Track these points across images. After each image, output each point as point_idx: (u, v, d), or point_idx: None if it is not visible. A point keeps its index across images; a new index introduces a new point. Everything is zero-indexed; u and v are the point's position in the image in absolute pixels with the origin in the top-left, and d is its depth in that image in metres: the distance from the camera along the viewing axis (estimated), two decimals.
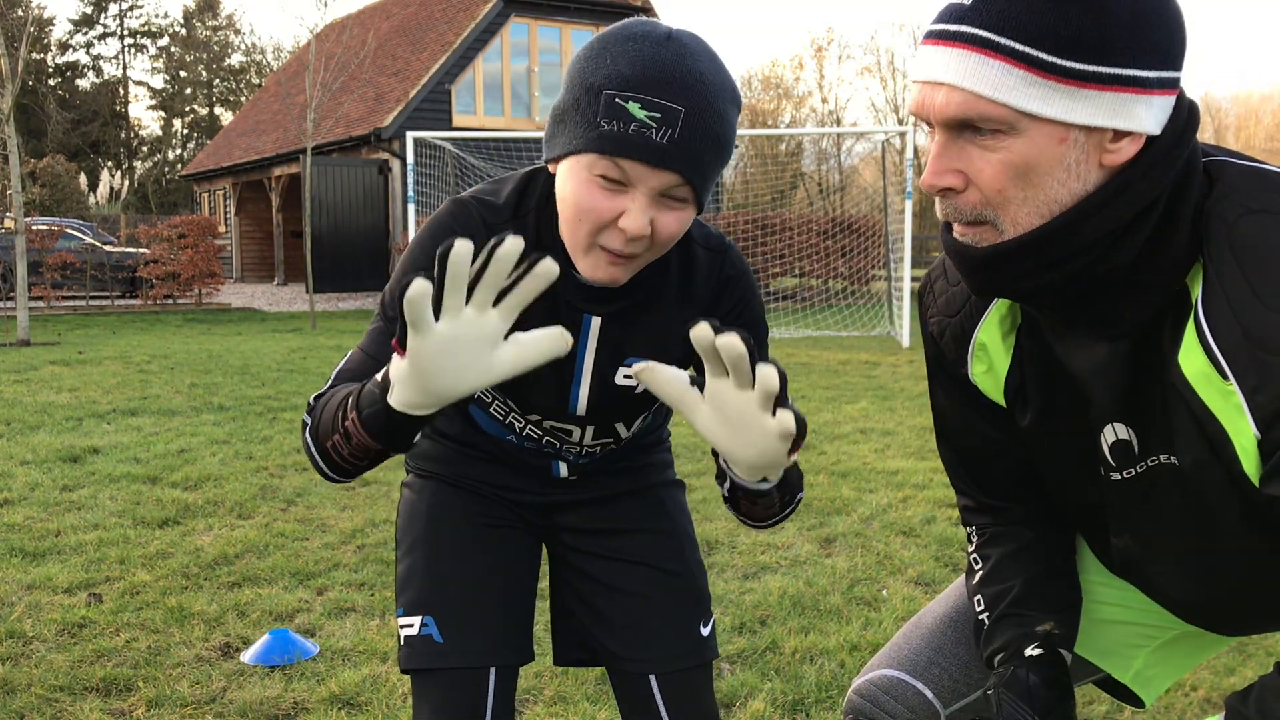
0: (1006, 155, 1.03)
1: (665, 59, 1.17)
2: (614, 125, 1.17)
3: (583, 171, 1.21)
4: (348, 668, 2.82)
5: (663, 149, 1.17)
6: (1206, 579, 1.23)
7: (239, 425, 6.41)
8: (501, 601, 1.51)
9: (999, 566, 1.38)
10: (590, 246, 1.24)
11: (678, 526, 1.61)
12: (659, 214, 1.21)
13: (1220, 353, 1.01)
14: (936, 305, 1.34)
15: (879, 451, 5.68)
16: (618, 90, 1.17)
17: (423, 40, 21.51)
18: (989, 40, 1.01)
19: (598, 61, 1.20)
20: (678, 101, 1.16)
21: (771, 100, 42.04)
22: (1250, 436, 1.02)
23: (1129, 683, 1.44)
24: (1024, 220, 1.06)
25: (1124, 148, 1.04)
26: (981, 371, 1.31)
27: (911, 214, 12.49)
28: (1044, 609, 1.34)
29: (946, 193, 1.08)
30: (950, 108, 1.04)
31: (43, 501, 4.56)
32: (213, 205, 27.20)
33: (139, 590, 3.43)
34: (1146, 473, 1.18)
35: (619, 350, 1.40)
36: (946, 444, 1.44)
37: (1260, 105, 46.07)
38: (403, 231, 17.53)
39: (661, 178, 1.19)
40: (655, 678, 1.51)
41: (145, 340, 12.01)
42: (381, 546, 3.91)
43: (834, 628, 3.10)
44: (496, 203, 1.35)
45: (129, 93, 50.22)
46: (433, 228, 1.35)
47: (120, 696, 2.66)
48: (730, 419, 1.05)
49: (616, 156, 1.18)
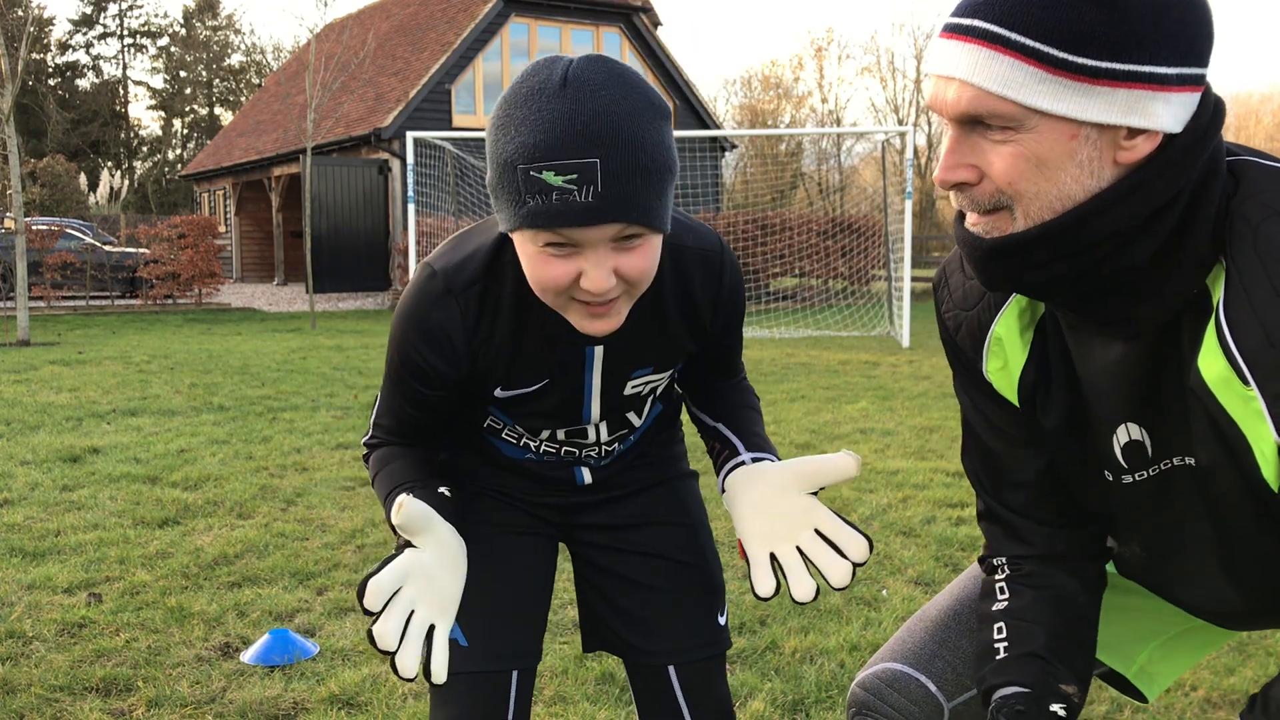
0: (1017, 149, 1.03)
1: (564, 113, 1.12)
2: (537, 199, 1.14)
3: (529, 246, 1.20)
4: (348, 668, 2.82)
5: (589, 208, 1.13)
6: (1220, 581, 1.22)
7: (239, 425, 6.41)
8: (521, 604, 1.54)
9: (1034, 606, 1.32)
10: (566, 306, 1.25)
11: (693, 518, 1.63)
12: (619, 259, 1.20)
13: (1241, 357, 1.00)
14: (952, 299, 1.32)
15: (879, 451, 5.68)
16: (530, 163, 1.13)
17: (423, 40, 21.51)
18: (999, 35, 1.01)
19: (505, 133, 1.16)
20: (588, 154, 1.12)
21: (771, 100, 42.04)
22: (1271, 442, 1.01)
23: (1132, 678, 1.43)
24: (1035, 213, 1.05)
25: (1139, 145, 1.03)
26: (997, 368, 1.28)
27: (911, 214, 12.49)
28: (1070, 669, 1.29)
29: (961, 186, 1.08)
30: (960, 103, 1.03)
31: (43, 501, 4.56)
32: (213, 205, 27.20)
33: (139, 590, 3.43)
34: (1162, 474, 1.16)
35: (624, 366, 1.43)
36: (969, 452, 1.38)
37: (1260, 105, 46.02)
38: (403, 231, 17.53)
39: (601, 231, 1.16)
40: (674, 669, 1.54)
41: (145, 340, 12.01)
42: (382, 546, 3.91)
43: (834, 628, 3.10)
44: (467, 266, 1.34)
45: (129, 93, 50.26)
46: (416, 303, 1.36)
47: (120, 696, 2.66)
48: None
49: (553, 229, 1.16)
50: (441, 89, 19.79)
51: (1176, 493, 1.17)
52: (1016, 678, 1.27)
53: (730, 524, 4.20)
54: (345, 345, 11.49)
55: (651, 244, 1.22)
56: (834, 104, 41.53)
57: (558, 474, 1.57)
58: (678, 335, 1.42)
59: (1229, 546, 1.17)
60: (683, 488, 1.65)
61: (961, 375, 1.34)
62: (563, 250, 1.18)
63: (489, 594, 1.51)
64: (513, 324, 1.36)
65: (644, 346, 1.41)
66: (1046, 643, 1.28)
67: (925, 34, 39.55)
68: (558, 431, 1.50)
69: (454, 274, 1.34)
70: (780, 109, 42.02)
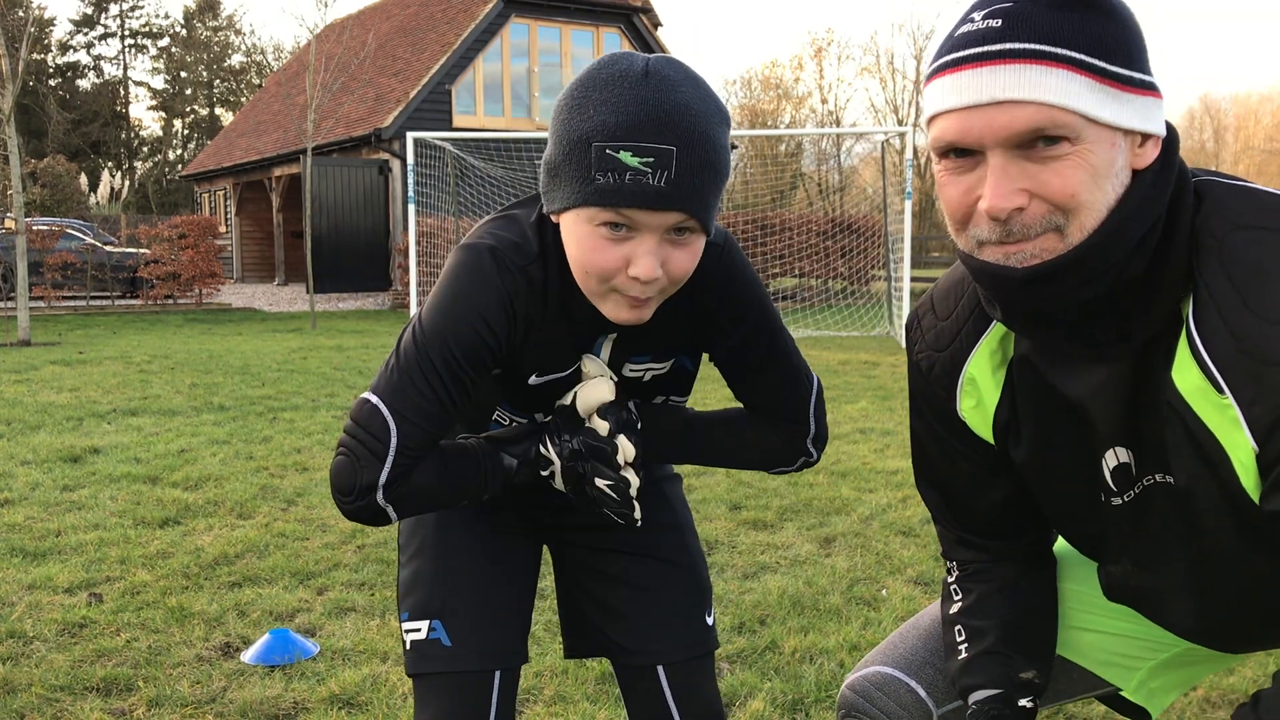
0: (1077, 160, 1.03)
1: (648, 99, 1.16)
2: (609, 177, 1.17)
3: (585, 225, 1.21)
4: (348, 668, 2.82)
5: (661, 192, 1.17)
6: (1206, 600, 1.22)
7: (239, 425, 6.42)
8: (505, 605, 1.54)
9: (983, 602, 1.38)
10: (606, 294, 1.25)
11: (679, 517, 1.64)
12: (669, 253, 1.22)
13: (1214, 366, 1.01)
14: (925, 340, 1.33)
15: (879, 451, 5.69)
16: (607, 141, 1.16)
17: (423, 40, 21.51)
18: (1046, 52, 1.01)
19: (581, 112, 1.19)
20: (668, 141, 1.16)
21: (771, 100, 42.04)
22: (1248, 450, 1.01)
23: (1131, 695, 1.44)
24: (1089, 224, 1.05)
25: (1148, 151, 1.06)
26: (970, 406, 1.29)
27: (911, 214, 12.50)
28: (1026, 655, 1.34)
29: (1011, 214, 1.06)
30: (1018, 122, 1.02)
31: (43, 501, 4.56)
32: (213, 205, 27.21)
33: (139, 590, 3.43)
34: (1143, 494, 1.17)
35: (629, 352, 1.43)
36: (927, 480, 1.42)
37: (1260, 105, 46.05)
38: (403, 231, 17.53)
39: (664, 218, 1.19)
40: (663, 669, 1.54)
41: (146, 340, 12.01)
42: (381, 546, 3.91)
43: (833, 627, 3.10)
44: (524, 245, 1.32)
45: (129, 93, 50.27)
46: (475, 278, 1.29)
47: (120, 696, 2.66)
48: None
49: (617, 207, 1.18)
50: (442, 89, 19.79)
51: (1155, 512, 1.17)
52: (984, 680, 1.33)
53: (730, 524, 4.20)
54: (345, 345, 11.49)
55: (698, 243, 1.25)
56: (834, 104, 41.55)
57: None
58: (680, 326, 1.41)
59: (1206, 565, 1.17)
60: (668, 489, 1.66)
61: (928, 416, 1.36)
62: (618, 233, 1.20)
63: (474, 595, 1.51)
64: (554, 305, 1.36)
65: (647, 334, 1.41)
66: (1001, 635, 1.34)
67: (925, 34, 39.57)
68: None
69: (513, 251, 1.31)
70: (780, 109, 42.02)
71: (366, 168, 19.72)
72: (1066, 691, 1.46)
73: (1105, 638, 1.42)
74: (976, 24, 1.04)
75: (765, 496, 4.65)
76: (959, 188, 1.08)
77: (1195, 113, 52.29)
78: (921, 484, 1.43)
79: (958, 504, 1.40)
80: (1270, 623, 1.22)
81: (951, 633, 1.40)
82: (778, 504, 4.52)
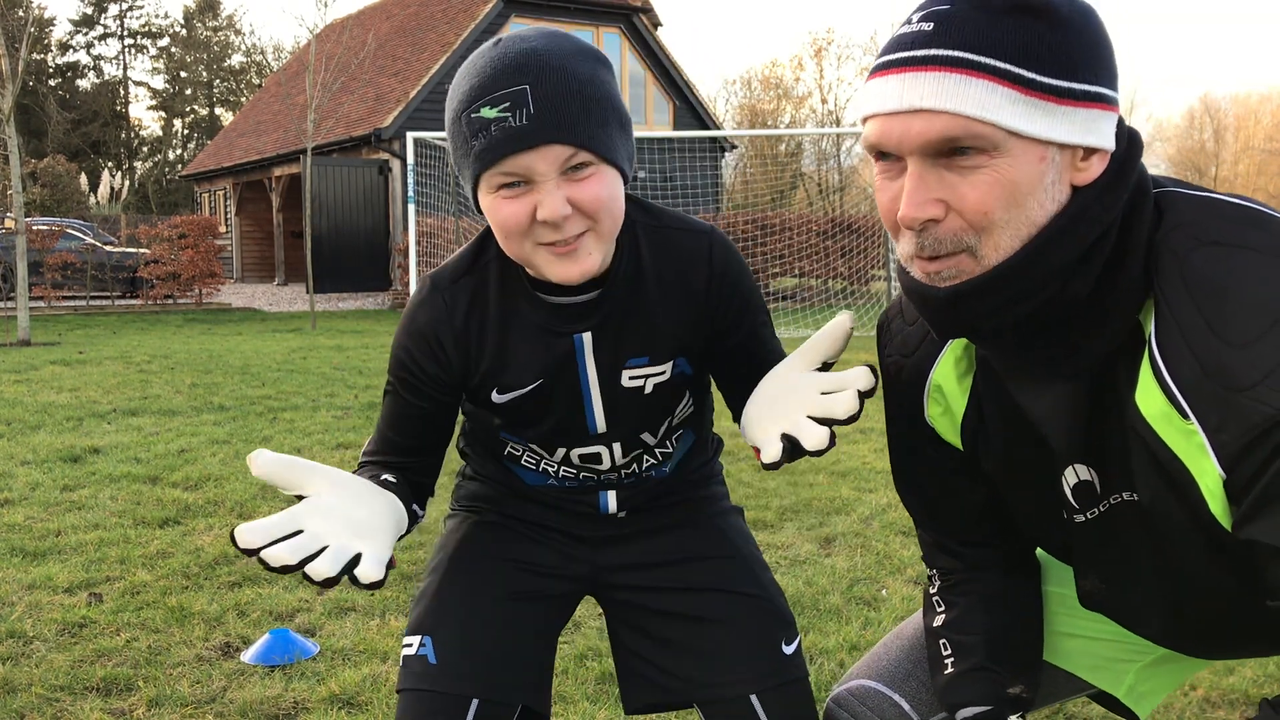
0: (993, 175, 0.99)
1: (496, 57, 1.21)
2: (480, 139, 1.19)
3: (489, 196, 1.23)
4: (348, 668, 2.82)
5: (525, 130, 1.17)
6: (1176, 614, 1.21)
7: (239, 425, 6.42)
8: (509, 638, 1.47)
9: (967, 615, 1.35)
10: (534, 251, 1.25)
11: (741, 551, 1.55)
12: (572, 189, 1.21)
13: (1179, 391, 0.98)
14: (894, 344, 1.31)
15: (879, 451, 5.69)
16: (469, 107, 1.20)
17: (423, 40, 21.52)
18: (968, 60, 0.98)
19: (451, 96, 1.24)
20: (518, 83, 1.18)
21: (771, 100, 42.07)
22: (1215, 476, 0.99)
23: (1122, 698, 1.43)
24: (1005, 244, 1.02)
25: (1093, 166, 1.03)
26: (938, 413, 1.27)
27: None
28: (1013, 668, 1.33)
29: (926, 225, 1.03)
30: (932, 132, 0.99)
31: (43, 501, 4.56)
32: (213, 205, 27.21)
33: (139, 590, 3.43)
34: (1108, 511, 1.15)
35: (617, 356, 1.39)
36: (904, 484, 1.39)
37: (1260, 105, 46.06)
38: (403, 231, 17.53)
39: (545, 156, 1.19)
40: (757, 697, 1.43)
41: (146, 340, 12.01)
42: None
43: (834, 627, 3.10)
44: (462, 260, 1.39)
45: (129, 93, 50.27)
46: (410, 311, 1.40)
47: (120, 696, 2.66)
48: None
49: (498, 162, 1.19)
50: (442, 89, 19.79)
51: (1121, 529, 1.16)
52: (972, 696, 1.31)
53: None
54: (345, 345, 11.49)
55: (604, 175, 1.23)
56: (834, 104, 41.55)
57: (581, 500, 1.52)
58: (669, 321, 1.38)
59: (1174, 580, 1.16)
60: (725, 524, 1.58)
61: (900, 420, 1.34)
62: (515, 190, 1.21)
63: (472, 620, 1.46)
64: (500, 316, 1.36)
65: (631, 331, 1.38)
66: (987, 652, 1.33)
67: None
68: (571, 453, 1.46)
69: (441, 273, 1.38)
70: (780, 109, 42.05)
71: (366, 168, 19.72)
72: (1058, 695, 1.45)
73: (1091, 642, 1.41)
74: (912, 26, 1.02)
75: (765, 496, 4.65)
76: (888, 194, 1.06)
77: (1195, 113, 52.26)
78: (900, 488, 1.41)
79: (935, 509, 1.38)
80: (1244, 635, 1.21)
81: (936, 646, 1.37)
82: (778, 504, 4.52)
